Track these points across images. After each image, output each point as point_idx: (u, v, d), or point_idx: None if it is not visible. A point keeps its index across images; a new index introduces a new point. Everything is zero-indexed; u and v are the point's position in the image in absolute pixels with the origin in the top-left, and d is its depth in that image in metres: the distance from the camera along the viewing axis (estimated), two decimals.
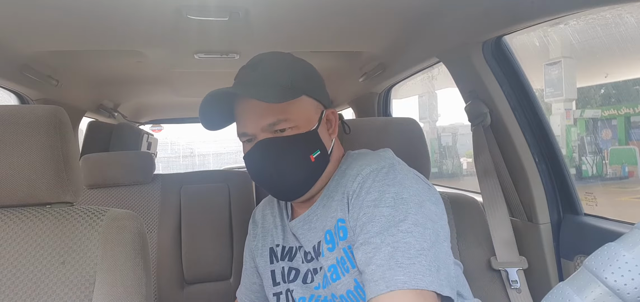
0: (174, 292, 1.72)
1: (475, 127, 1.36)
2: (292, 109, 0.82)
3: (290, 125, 0.82)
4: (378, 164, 0.80)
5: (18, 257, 0.83)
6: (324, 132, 0.88)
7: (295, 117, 0.83)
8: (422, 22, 1.34)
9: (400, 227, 0.71)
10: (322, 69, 2.21)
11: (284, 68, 0.86)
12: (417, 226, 0.72)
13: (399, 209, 0.73)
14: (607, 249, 0.48)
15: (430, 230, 0.73)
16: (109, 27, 1.31)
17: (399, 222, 0.71)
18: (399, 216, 0.72)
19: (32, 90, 1.77)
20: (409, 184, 0.77)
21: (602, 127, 8.79)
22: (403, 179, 0.77)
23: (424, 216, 0.73)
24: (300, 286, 0.88)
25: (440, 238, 0.74)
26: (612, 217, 1.17)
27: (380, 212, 0.73)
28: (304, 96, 0.85)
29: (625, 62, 4.99)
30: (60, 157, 0.86)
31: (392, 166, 0.79)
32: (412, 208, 0.73)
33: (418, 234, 0.71)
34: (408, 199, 0.74)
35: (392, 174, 0.77)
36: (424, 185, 0.81)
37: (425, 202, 0.76)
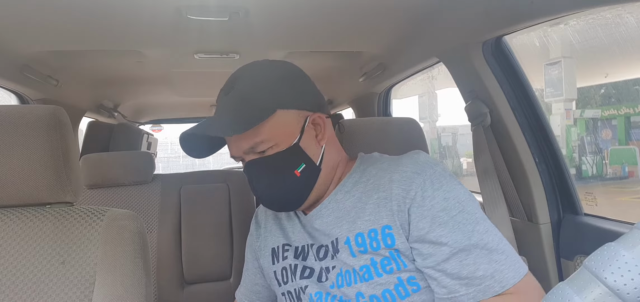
0: (174, 292, 1.72)
1: (475, 127, 1.36)
2: (268, 129, 0.80)
3: (269, 145, 0.81)
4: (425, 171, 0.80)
5: (18, 257, 0.83)
6: (309, 141, 0.84)
7: (272, 136, 0.80)
8: (422, 22, 1.34)
9: (479, 229, 0.75)
10: (322, 69, 2.23)
11: (257, 86, 0.83)
12: (485, 221, 0.77)
13: (468, 211, 0.76)
14: (607, 249, 0.48)
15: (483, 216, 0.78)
16: (109, 27, 1.31)
17: (476, 225, 0.76)
18: (472, 218, 0.76)
19: (32, 90, 1.77)
20: (456, 182, 0.80)
21: (602, 127, 8.80)
22: (451, 179, 0.80)
23: (477, 207, 0.79)
24: (315, 283, 0.87)
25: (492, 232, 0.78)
26: (612, 217, 1.17)
27: (456, 220, 0.75)
28: (279, 111, 0.80)
29: (625, 62, 4.99)
30: (60, 157, 0.86)
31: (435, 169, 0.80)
32: (474, 206, 0.78)
33: (491, 228, 0.77)
34: (467, 199, 0.78)
35: (444, 178, 0.79)
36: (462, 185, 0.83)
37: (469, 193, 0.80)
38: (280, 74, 0.86)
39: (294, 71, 0.88)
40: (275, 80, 0.85)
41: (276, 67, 0.88)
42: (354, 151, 1.18)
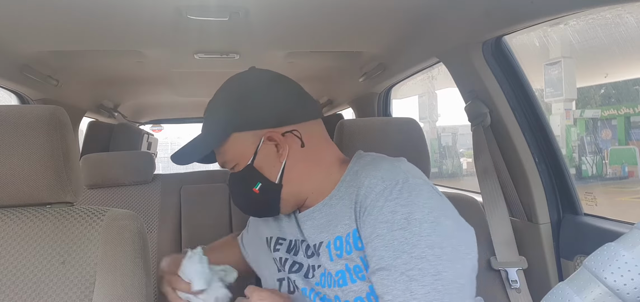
0: None
1: (475, 127, 1.36)
2: (226, 151, 0.86)
3: (232, 164, 0.87)
4: (392, 179, 0.75)
5: (18, 257, 0.83)
6: (267, 159, 0.84)
7: (232, 157, 0.86)
8: (422, 22, 1.34)
9: (413, 252, 0.69)
10: (322, 69, 2.23)
11: (215, 110, 0.88)
12: (432, 248, 0.69)
13: (412, 231, 0.70)
14: (606, 249, 0.48)
15: (449, 249, 0.70)
16: (109, 27, 1.31)
17: (412, 247, 0.69)
18: (413, 240, 0.69)
19: (32, 90, 1.77)
20: (422, 202, 0.72)
21: (601, 127, 8.80)
22: (416, 197, 0.73)
23: (440, 235, 0.70)
24: (302, 279, 0.87)
25: (460, 254, 0.71)
26: (612, 217, 1.17)
27: (393, 236, 0.71)
28: (234, 134, 0.84)
29: (625, 62, 4.99)
30: (61, 157, 0.86)
31: (405, 182, 0.74)
32: (427, 229, 0.70)
33: (433, 257, 0.68)
34: (421, 219, 0.71)
35: (406, 192, 0.73)
36: (440, 199, 0.77)
37: (441, 219, 0.72)
38: (241, 93, 0.87)
39: (255, 86, 0.88)
40: (232, 102, 0.87)
41: (237, 85, 0.89)
42: (354, 152, 1.18)
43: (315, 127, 0.89)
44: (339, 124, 1.23)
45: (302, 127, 0.86)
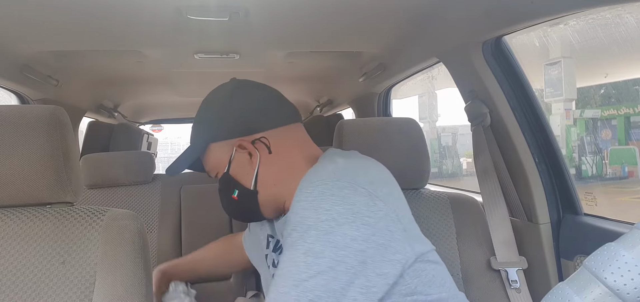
0: None
1: (475, 127, 1.36)
2: (207, 160, 0.93)
3: (214, 173, 0.93)
4: (311, 181, 0.74)
5: (18, 258, 0.83)
6: (241, 167, 0.88)
7: (212, 166, 0.93)
8: (422, 22, 1.34)
9: (291, 254, 0.69)
10: (322, 69, 2.24)
11: (196, 123, 0.94)
12: (308, 254, 0.67)
13: (300, 234, 0.69)
14: (606, 249, 0.48)
15: (326, 259, 0.67)
16: (109, 27, 1.31)
17: (293, 249, 0.69)
18: (297, 243, 0.69)
19: (32, 90, 1.77)
20: (325, 207, 0.69)
21: (601, 127, 8.80)
22: (320, 201, 0.70)
23: (325, 244, 0.67)
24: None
25: (341, 266, 0.67)
26: (612, 217, 1.17)
27: (288, 234, 0.72)
28: (212, 145, 0.90)
29: (625, 63, 4.99)
30: (61, 157, 0.86)
31: (319, 184, 0.72)
32: (312, 235, 0.68)
33: (304, 264, 0.67)
34: (312, 225, 0.69)
35: (312, 195, 0.71)
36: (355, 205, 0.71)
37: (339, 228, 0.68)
38: (213, 105, 0.93)
39: (226, 96, 0.92)
40: (208, 115, 0.93)
41: (213, 99, 0.94)
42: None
43: (288, 132, 0.90)
44: (339, 124, 1.23)
45: (274, 133, 0.88)
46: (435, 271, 0.81)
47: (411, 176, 1.25)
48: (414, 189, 1.28)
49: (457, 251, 1.20)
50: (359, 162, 0.82)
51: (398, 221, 0.74)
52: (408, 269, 0.74)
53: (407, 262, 0.73)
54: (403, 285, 0.74)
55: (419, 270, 0.77)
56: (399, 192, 0.82)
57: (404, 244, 0.73)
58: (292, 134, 0.91)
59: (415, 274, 0.76)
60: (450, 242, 1.20)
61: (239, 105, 0.91)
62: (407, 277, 0.74)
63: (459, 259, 1.20)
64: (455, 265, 1.19)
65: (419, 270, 0.77)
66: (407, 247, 0.74)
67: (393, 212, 0.74)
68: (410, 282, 0.75)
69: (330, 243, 0.68)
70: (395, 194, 0.79)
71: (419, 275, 0.77)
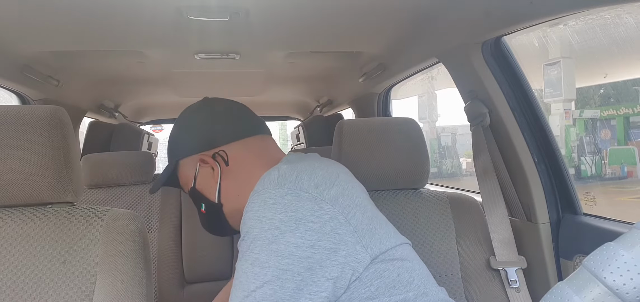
0: (175, 291, 1.72)
1: (475, 127, 1.36)
2: (180, 176, 0.95)
3: (186, 188, 0.95)
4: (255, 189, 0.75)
5: (19, 257, 0.84)
6: (206, 181, 0.90)
7: (183, 182, 0.95)
8: (422, 22, 1.34)
9: (242, 265, 0.70)
10: (322, 69, 2.23)
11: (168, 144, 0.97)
12: (254, 265, 0.68)
13: (247, 244, 0.71)
14: (606, 248, 0.48)
15: (271, 268, 0.67)
16: (109, 27, 1.31)
17: (242, 260, 0.71)
18: (245, 253, 0.71)
19: (33, 90, 1.77)
20: (268, 216, 0.70)
21: (601, 127, 8.80)
22: (263, 211, 0.71)
23: (270, 253, 0.68)
24: None
25: (286, 274, 0.67)
26: (611, 217, 1.18)
27: (239, 245, 0.73)
28: (181, 162, 0.93)
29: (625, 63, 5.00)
30: (61, 157, 0.86)
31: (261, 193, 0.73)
32: (257, 245, 0.69)
33: (252, 274, 0.68)
34: (258, 235, 0.69)
35: (257, 204, 0.72)
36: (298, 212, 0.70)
37: (282, 236, 0.68)
38: (179, 124, 0.95)
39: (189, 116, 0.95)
40: (175, 132, 0.95)
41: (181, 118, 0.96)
42: (354, 152, 1.18)
43: (249, 144, 0.91)
44: (338, 124, 1.23)
45: (233, 146, 0.89)
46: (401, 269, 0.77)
47: (411, 175, 1.25)
48: (414, 189, 1.29)
49: (456, 250, 1.20)
50: (306, 164, 0.78)
51: (347, 222, 0.73)
52: (364, 271, 0.72)
53: (360, 264, 0.72)
54: (362, 289, 0.72)
55: (380, 271, 0.74)
56: (354, 190, 0.79)
57: (355, 246, 0.72)
58: (253, 146, 0.91)
59: (375, 276, 0.73)
60: (449, 242, 1.20)
61: (202, 120, 0.94)
62: (365, 280, 0.72)
63: (458, 258, 1.20)
64: (454, 265, 1.19)
65: (380, 271, 0.74)
66: (360, 249, 0.72)
67: (341, 214, 0.72)
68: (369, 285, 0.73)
69: (273, 252, 0.68)
70: (347, 194, 0.76)
71: (380, 276, 0.74)
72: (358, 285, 0.71)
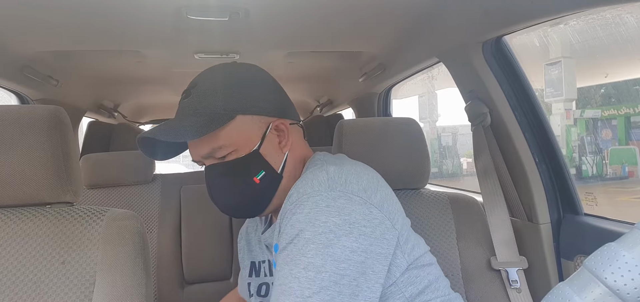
0: (174, 292, 1.72)
1: (475, 127, 1.36)
2: (227, 134, 0.78)
3: (228, 151, 0.79)
4: (304, 192, 0.72)
5: (18, 257, 0.83)
6: (271, 147, 0.82)
7: (232, 142, 0.79)
8: (422, 22, 1.34)
9: (293, 269, 0.67)
10: (322, 69, 2.23)
11: (215, 90, 0.81)
12: (308, 269, 0.65)
13: (298, 248, 0.67)
14: (607, 249, 0.48)
15: (328, 273, 0.65)
16: (109, 27, 1.31)
17: (294, 263, 0.67)
18: (296, 257, 0.67)
19: (32, 90, 1.77)
20: (322, 219, 0.68)
21: (602, 127, 8.80)
22: (317, 214, 0.68)
23: (325, 257, 0.66)
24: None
25: (344, 279, 0.66)
26: (612, 217, 1.17)
27: (284, 248, 0.69)
28: (239, 116, 0.79)
29: (625, 62, 5.00)
30: (61, 157, 0.86)
31: (313, 195, 0.70)
32: (311, 249, 0.66)
33: (306, 279, 0.65)
34: (311, 238, 0.67)
35: (308, 207, 0.69)
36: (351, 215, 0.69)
37: (338, 240, 0.67)
38: (240, 77, 0.83)
39: (257, 75, 0.86)
40: (236, 84, 0.82)
41: (237, 70, 0.85)
42: (354, 152, 1.18)
43: (299, 130, 0.89)
44: (338, 124, 1.23)
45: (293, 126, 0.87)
46: (430, 275, 0.79)
47: (411, 176, 1.25)
48: (414, 189, 1.28)
49: (457, 250, 1.20)
50: (351, 168, 0.77)
51: (393, 227, 0.73)
52: (400, 276, 0.73)
53: (398, 269, 0.73)
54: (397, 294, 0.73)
55: (413, 277, 0.76)
56: (392, 194, 0.80)
57: (396, 251, 0.73)
58: (300, 132, 0.90)
59: (408, 282, 0.75)
60: (450, 242, 1.20)
61: (272, 84, 0.86)
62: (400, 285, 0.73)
63: (459, 259, 1.20)
64: (455, 265, 1.19)
65: (412, 277, 0.76)
66: (399, 254, 0.73)
67: (388, 220, 0.73)
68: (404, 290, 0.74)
69: (330, 256, 0.66)
70: (389, 199, 0.77)
71: (413, 282, 0.76)
72: (393, 290, 0.72)
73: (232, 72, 0.84)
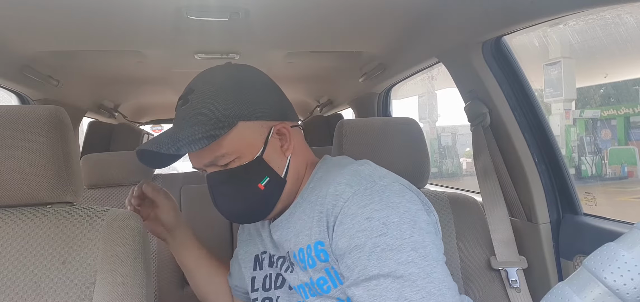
0: (174, 292, 1.72)
1: (475, 127, 1.36)
2: (229, 142, 0.77)
3: (231, 158, 0.78)
4: (359, 184, 0.73)
5: (18, 258, 0.83)
6: (273, 152, 0.81)
7: (234, 149, 0.77)
8: (422, 22, 1.34)
9: (399, 258, 0.66)
10: (322, 69, 2.24)
11: (215, 97, 0.78)
12: (416, 249, 0.67)
13: (393, 235, 0.67)
14: (606, 249, 0.48)
15: (431, 246, 0.69)
16: (109, 27, 1.31)
17: (396, 252, 0.66)
18: (395, 244, 0.67)
19: (32, 90, 1.77)
20: (397, 201, 0.70)
21: (601, 127, 8.81)
22: (389, 199, 0.70)
23: (421, 233, 0.69)
24: (287, 293, 0.86)
25: (440, 248, 0.72)
26: (611, 217, 1.18)
27: (375, 244, 0.68)
28: (240, 123, 0.77)
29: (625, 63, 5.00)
30: (61, 157, 0.86)
31: (373, 184, 0.72)
32: (407, 230, 0.68)
33: (420, 259, 0.66)
34: (399, 221, 0.68)
35: (377, 195, 0.71)
36: (410, 194, 0.74)
37: (418, 215, 0.70)
38: (241, 81, 0.81)
39: (255, 77, 0.84)
40: (235, 88, 0.80)
41: (235, 73, 0.83)
42: (354, 152, 1.18)
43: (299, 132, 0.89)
44: (338, 124, 1.23)
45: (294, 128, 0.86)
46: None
47: (411, 176, 1.24)
48: None
49: (457, 250, 1.20)
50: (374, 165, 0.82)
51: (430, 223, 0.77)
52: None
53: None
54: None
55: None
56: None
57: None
58: (301, 134, 0.90)
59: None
60: (450, 242, 1.20)
61: (271, 86, 0.85)
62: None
63: (459, 258, 1.20)
64: (455, 265, 1.19)
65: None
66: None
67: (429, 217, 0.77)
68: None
69: (422, 230, 0.70)
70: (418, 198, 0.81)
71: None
72: None
73: (230, 75, 0.83)
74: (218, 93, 0.79)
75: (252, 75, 0.84)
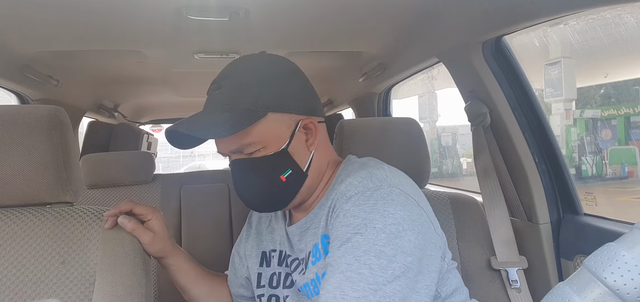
0: (174, 292, 1.72)
1: (475, 127, 1.36)
2: (257, 131, 0.78)
3: (257, 147, 0.79)
4: (365, 186, 0.74)
5: (18, 257, 0.83)
6: (298, 146, 0.82)
7: (261, 139, 0.79)
8: (422, 22, 1.34)
9: (362, 257, 0.67)
10: (322, 69, 2.23)
11: (249, 85, 0.80)
12: (380, 257, 0.66)
13: (368, 237, 0.68)
14: (606, 249, 0.48)
15: (399, 264, 0.67)
16: (109, 27, 1.31)
17: (363, 251, 0.67)
18: (365, 245, 0.67)
19: (32, 90, 1.77)
20: (390, 211, 0.70)
21: (601, 127, 8.80)
22: (384, 206, 0.70)
23: (395, 248, 0.67)
24: (296, 293, 0.87)
25: (410, 272, 0.67)
26: (611, 217, 1.17)
27: (348, 238, 0.69)
28: (270, 114, 0.78)
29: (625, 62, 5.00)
30: (61, 157, 0.86)
31: (377, 189, 0.73)
32: (382, 238, 0.67)
33: (378, 267, 0.66)
34: (381, 228, 0.68)
35: (373, 199, 0.71)
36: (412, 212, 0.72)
37: (404, 233, 0.69)
38: (274, 72, 0.83)
39: (289, 70, 0.85)
40: (269, 79, 0.82)
41: (271, 64, 0.85)
42: (354, 152, 1.18)
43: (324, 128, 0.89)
44: (339, 124, 1.23)
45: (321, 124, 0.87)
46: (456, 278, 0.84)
47: (411, 176, 1.24)
48: None
49: (457, 250, 1.20)
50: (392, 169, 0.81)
51: (436, 233, 0.77)
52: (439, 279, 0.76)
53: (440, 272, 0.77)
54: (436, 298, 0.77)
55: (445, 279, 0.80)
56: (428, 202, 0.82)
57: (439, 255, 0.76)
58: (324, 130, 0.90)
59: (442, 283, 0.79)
60: (450, 242, 1.20)
61: (303, 81, 0.85)
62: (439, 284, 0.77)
63: (459, 258, 1.20)
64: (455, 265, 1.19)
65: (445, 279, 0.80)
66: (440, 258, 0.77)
67: (431, 225, 0.76)
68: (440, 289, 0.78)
69: (399, 248, 0.67)
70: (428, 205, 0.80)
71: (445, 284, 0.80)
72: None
73: (264, 65, 0.84)
74: (251, 82, 0.80)
75: (286, 68, 0.85)
